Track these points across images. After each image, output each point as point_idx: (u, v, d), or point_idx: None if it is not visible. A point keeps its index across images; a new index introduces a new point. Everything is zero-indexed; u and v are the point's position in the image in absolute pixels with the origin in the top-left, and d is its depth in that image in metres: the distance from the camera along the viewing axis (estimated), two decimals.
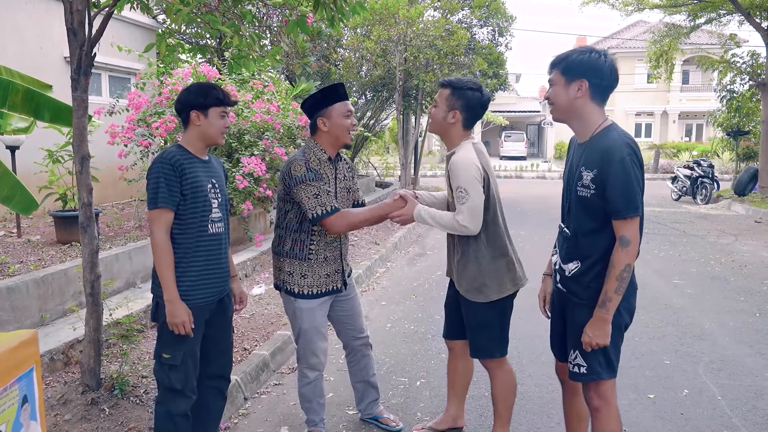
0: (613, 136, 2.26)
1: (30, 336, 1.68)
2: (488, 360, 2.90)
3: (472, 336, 2.88)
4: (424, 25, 12.91)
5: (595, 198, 2.26)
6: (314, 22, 5.01)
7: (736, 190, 14.75)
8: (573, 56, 2.31)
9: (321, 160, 2.89)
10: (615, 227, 2.25)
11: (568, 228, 2.42)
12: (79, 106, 3.18)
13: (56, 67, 8.32)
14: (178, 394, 2.57)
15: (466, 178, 2.67)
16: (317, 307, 2.96)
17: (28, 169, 6.32)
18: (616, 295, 2.23)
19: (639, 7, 16.53)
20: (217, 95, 2.60)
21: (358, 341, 3.21)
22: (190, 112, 2.60)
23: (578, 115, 2.33)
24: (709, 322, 5.24)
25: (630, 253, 2.22)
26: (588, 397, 2.44)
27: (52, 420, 3.09)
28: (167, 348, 2.56)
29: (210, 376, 2.77)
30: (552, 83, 2.37)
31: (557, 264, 2.50)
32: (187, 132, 2.65)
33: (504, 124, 32.82)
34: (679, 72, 29.44)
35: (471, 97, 2.76)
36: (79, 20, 3.11)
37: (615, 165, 2.18)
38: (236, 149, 6.91)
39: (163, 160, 2.52)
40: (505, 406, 2.94)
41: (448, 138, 2.86)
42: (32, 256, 5.17)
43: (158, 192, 2.48)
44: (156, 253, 2.51)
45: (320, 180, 2.79)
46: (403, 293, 6.08)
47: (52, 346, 3.82)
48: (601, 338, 2.27)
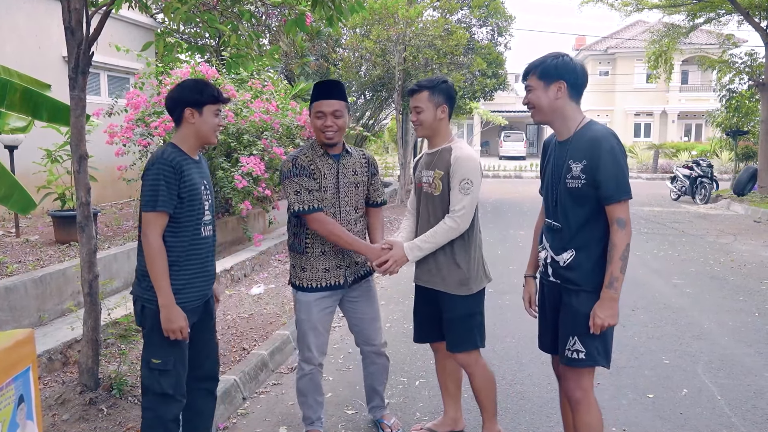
0: (597, 128, 2.41)
1: (26, 335, 1.67)
2: (466, 354, 2.92)
3: (454, 330, 2.90)
4: (423, 25, 12.91)
5: (586, 187, 2.37)
6: (313, 22, 5.01)
7: (735, 190, 14.76)
8: (548, 61, 2.45)
9: (316, 155, 2.92)
10: (609, 211, 2.36)
11: (557, 221, 2.50)
12: (77, 105, 3.17)
13: (55, 66, 8.31)
14: (170, 399, 2.50)
15: (473, 170, 2.80)
16: (314, 302, 2.96)
17: (27, 168, 6.31)
18: (621, 274, 2.34)
19: (638, 7, 16.54)
20: (212, 92, 2.55)
21: (368, 347, 3.18)
22: (184, 109, 2.51)
23: (560, 115, 2.46)
24: (709, 321, 5.24)
25: (628, 233, 2.35)
26: (569, 388, 2.52)
27: (50, 420, 3.08)
28: (157, 353, 2.48)
29: (199, 378, 2.72)
30: (530, 89, 2.49)
31: (547, 258, 2.55)
32: (180, 130, 2.56)
33: (503, 123, 32.82)
34: (678, 72, 29.46)
35: (447, 88, 2.89)
36: (77, 19, 3.11)
37: (605, 153, 2.32)
38: (235, 149, 6.90)
39: (164, 161, 2.43)
40: (489, 400, 2.97)
41: (439, 135, 2.93)
42: (30, 255, 5.16)
43: (158, 194, 2.40)
44: (150, 257, 2.41)
45: (304, 176, 2.83)
46: (402, 293, 6.08)
47: (51, 346, 3.82)
48: (612, 318, 2.35)
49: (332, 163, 2.94)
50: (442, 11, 13.87)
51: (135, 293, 2.56)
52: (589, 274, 2.41)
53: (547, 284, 2.60)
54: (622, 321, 5.22)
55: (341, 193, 2.94)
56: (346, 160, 2.98)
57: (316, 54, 13.11)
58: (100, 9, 3.39)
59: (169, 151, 2.49)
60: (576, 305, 2.43)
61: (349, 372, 4.14)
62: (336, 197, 2.93)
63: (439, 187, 2.86)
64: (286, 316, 5.05)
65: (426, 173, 2.93)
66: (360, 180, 3.01)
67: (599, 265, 2.39)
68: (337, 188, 2.93)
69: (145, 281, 2.48)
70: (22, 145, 6.05)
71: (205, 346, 2.73)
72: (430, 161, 2.93)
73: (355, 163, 3.01)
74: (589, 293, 2.40)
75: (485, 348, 2.98)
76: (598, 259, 2.40)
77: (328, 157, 2.93)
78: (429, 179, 2.90)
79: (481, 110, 29.44)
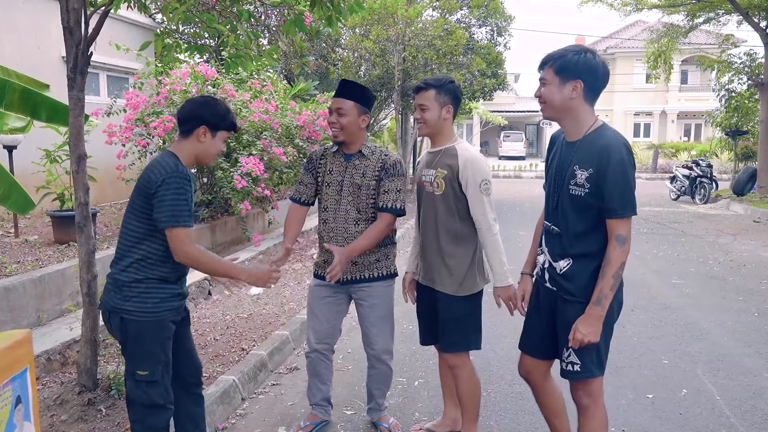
0: (609, 135, 2.27)
1: (23, 336, 1.67)
2: (454, 355, 2.91)
3: (450, 330, 2.89)
4: (422, 25, 12.91)
5: (590, 197, 2.27)
6: (312, 22, 5.00)
7: (735, 190, 14.76)
8: (568, 56, 2.28)
9: (330, 152, 3.09)
10: (610, 226, 2.26)
11: (557, 226, 2.41)
12: (76, 105, 3.17)
13: (54, 66, 8.30)
14: (160, 408, 2.46)
15: (487, 170, 2.83)
16: (314, 287, 3.16)
17: (26, 169, 6.30)
18: (611, 292, 2.25)
19: (637, 7, 16.54)
20: (232, 120, 2.53)
21: (369, 350, 3.20)
22: (199, 126, 2.46)
23: (572, 115, 2.33)
24: (708, 321, 5.24)
25: (625, 252, 2.25)
26: (577, 395, 2.46)
27: (49, 420, 3.07)
28: (143, 364, 2.43)
29: (186, 384, 2.69)
30: (544, 82, 2.34)
31: (546, 263, 2.49)
32: (186, 143, 2.49)
33: (503, 124, 32.83)
34: (678, 72, 29.46)
35: (454, 88, 2.88)
36: (76, 19, 3.10)
37: (614, 165, 2.20)
38: (234, 149, 6.90)
39: (181, 174, 2.36)
40: (471, 404, 2.97)
41: (442, 134, 2.92)
42: (29, 256, 5.15)
43: (183, 209, 2.34)
44: (202, 263, 2.42)
45: (306, 169, 3.11)
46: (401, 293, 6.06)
47: (49, 346, 3.81)
48: (593, 335, 2.27)
49: (343, 161, 3.03)
50: (441, 11, 13.88)
51: (109, 305, 2.44)
52: (585, 287, 2.32)
53: (543, 289, 2.54)
54: (621, 321, 5.19)
55: (344, 191, 3.00)
56: (359, 162, 3.01)
57: (316, 54, 13.09)
58: (99, 9, 3.39)
59: (176, 162, 2.42)
60: (570, 317, 2.35)
61: (348, 372, 4.13)
62: (339, 194, 3.01)
63: (441, 187, 2.84)
64: (285, 316, 5.05)
65: (427, 172, 2.92)
66: (366, 183, 2.99)
67: (596, 277, 2.29)
68: (341, 186, 3.01)
69: (127, 289, 2.39)
70: (21, 146, 6.03)
71: (186, 349, 2.69)
72: (432, 160, 2.92)
73: (367, 166, 3.00)
74: (584, 305, 2.31)
75: (484, 348, 2.98)
76: (594, 272, 2.30)
77: (340, 155, 3.04)
78: (430, 178, 2.88)
79: (480, 110, 29.47)
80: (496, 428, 3.35)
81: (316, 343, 3.13)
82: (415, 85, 2.94)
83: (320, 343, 3.14)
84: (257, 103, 7.29)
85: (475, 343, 2.93)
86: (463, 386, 2.95)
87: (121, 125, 6.69)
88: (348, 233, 3.00)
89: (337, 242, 2.99)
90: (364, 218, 3.01)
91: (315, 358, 3.17)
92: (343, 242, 2.98)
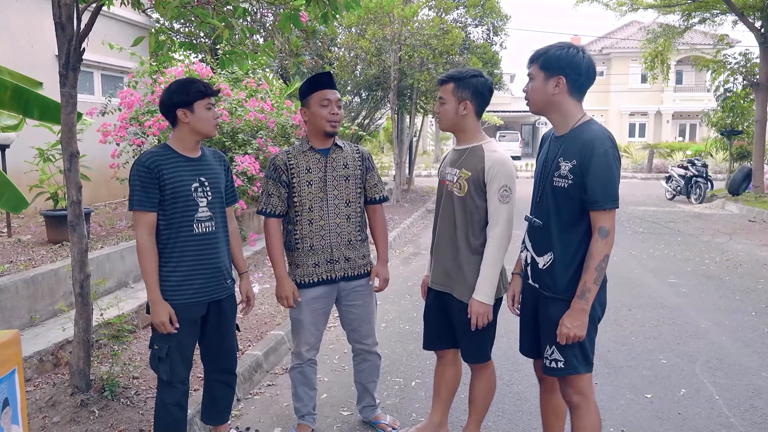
0: (595, 128, 2.28)
1: (12, 336, 1.62)
2: (480, 364, 2.85)
3: (470, 340, 2.78)
4: (418, 24, 12.88)
5: (573, 189, 2.26)
6: (308, 21, 4.97)
7: (730, 190, 14.79)
8: (552, 51, 2.30)
9: (301, 151, 2.93)
10: (593, 218, 2.25)
11: (540, 218, 2.40)
12: (68, 102, 3.12)
13: (47, 64, 8.23)
14: (166, 384, 2.64)
15: (512, 176, 2.68)
16: (307, 300, 2.97)
17: (19, 167, 6.24)
18: (595, 285, 2.23)
19: (633, 6, 16.54)
20: (198, 88, 2.58)
21: (359, 345, 3.17)
22: (176, 111, 2.57)
23: (557, 110, 2.35)
24: (705, 321, 5.23)
25: (608, 244, 2.23)
26: (565, 393, 2.44)
27: (40, 422, 3.03)
28: (157, 340, 2.62)
29: (217, 369, 2.86)
30: (531, 78, 2.37)
31: (528, 258, 2.46)
32: (177, 130, 2.62)
33: (498, 123, 32.85)
34: (673, 72, 29.51)
35: (477, 83, 2.69)
36: (68, 15, 3.05)
37: (598, 157, 2.20)
38: (230, 148, 6.85)
39: (139, 162, 2.55)
40: (484, 405, 2.91)
41: (464, 131, 2.77)
42: (22, 255, 5.10)
43: (134, 195, 2.55)
44: (138, 254, 2.57)
45: (274, 180, 2.90)
46: (398, 293, 6.04)
47: (41, 347, 3.76)
48: (579, 329, 2.25)
49: (320, 157, 2.92)
50: (437, 10, 13.84)
51: None
52: (566, 282, 2.29)
53: (527, 287, 2.51)
54: (618, 320, 5.21)
55: (329, 186, 2.92)
56: (336, 154, 2.96)
57: (311, 53, 13.04)
58: (91, 5, 3.34)
59: (150, 152, 2.60)
60: (552, 313, 2.33)
61: (344, 373, 4.09)
62: (323, 191, 2.91)
63: (464, 188, 2.69)
64: (280, 316, 5.01)
65: (451, 171, 2.77)
66: (351, 173, 2.97)
67: (578, 274, 2.27)
68: (324, 182, 2.91)
69: None
70: (14, 144, 5.98)
71: (220, 344, 2.81)
72: (457, 159, 2.77)
73: (346, 156, 2.98)
74: (565, 302, 2.29)
75: None
76: (577, 268, 2.28)
77: (314, 152, 2.93)
78: (453, 178, 2.73)
79: None
80: (494, 428, 3.32)
81: (307, 352, 3.05)
82: (438, 78, 2.85)
83: (311, 351, 3.07)
84: (253, 102, 7.24)
85: (490, 351, 2.85)
86: (480, 387, 2.87)
87: (115, 124, 6.64)
88: (341, 229, 2.95)
89: (330, 240, 2.93)
90: (355, 210, 2.99)
91: (305, 367, 3.08)
92: (337, 239, 2.94)
